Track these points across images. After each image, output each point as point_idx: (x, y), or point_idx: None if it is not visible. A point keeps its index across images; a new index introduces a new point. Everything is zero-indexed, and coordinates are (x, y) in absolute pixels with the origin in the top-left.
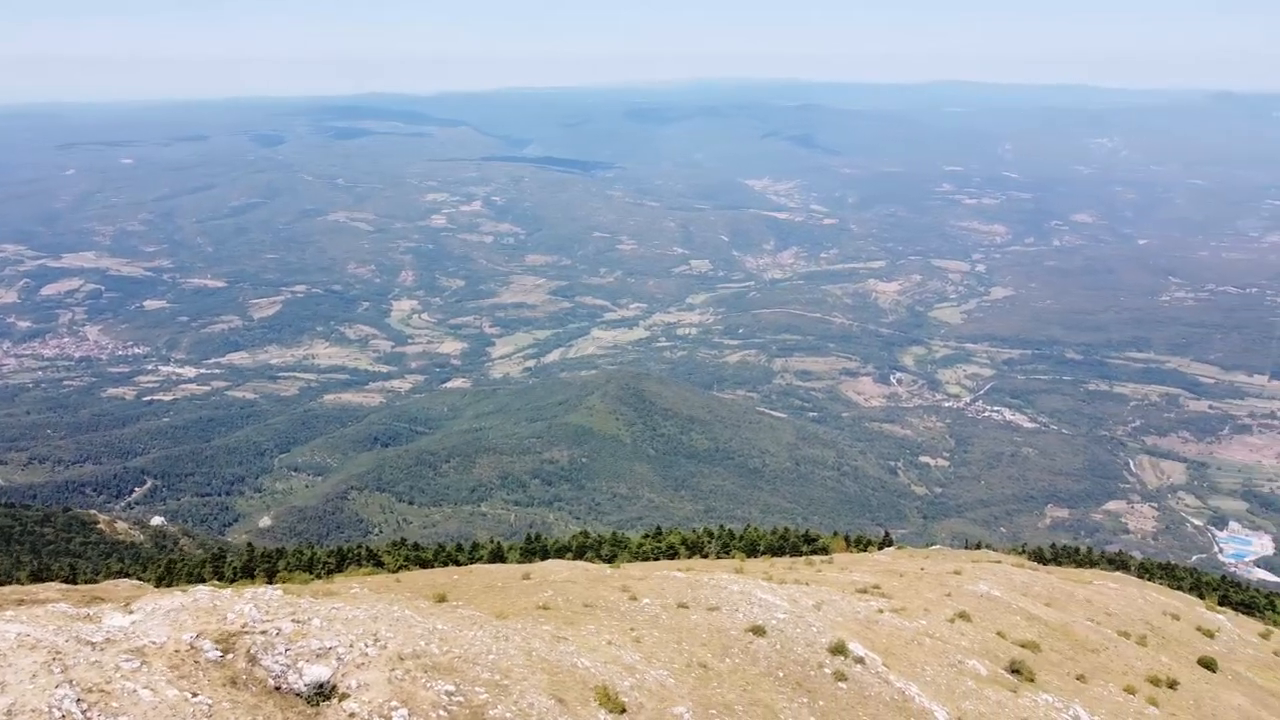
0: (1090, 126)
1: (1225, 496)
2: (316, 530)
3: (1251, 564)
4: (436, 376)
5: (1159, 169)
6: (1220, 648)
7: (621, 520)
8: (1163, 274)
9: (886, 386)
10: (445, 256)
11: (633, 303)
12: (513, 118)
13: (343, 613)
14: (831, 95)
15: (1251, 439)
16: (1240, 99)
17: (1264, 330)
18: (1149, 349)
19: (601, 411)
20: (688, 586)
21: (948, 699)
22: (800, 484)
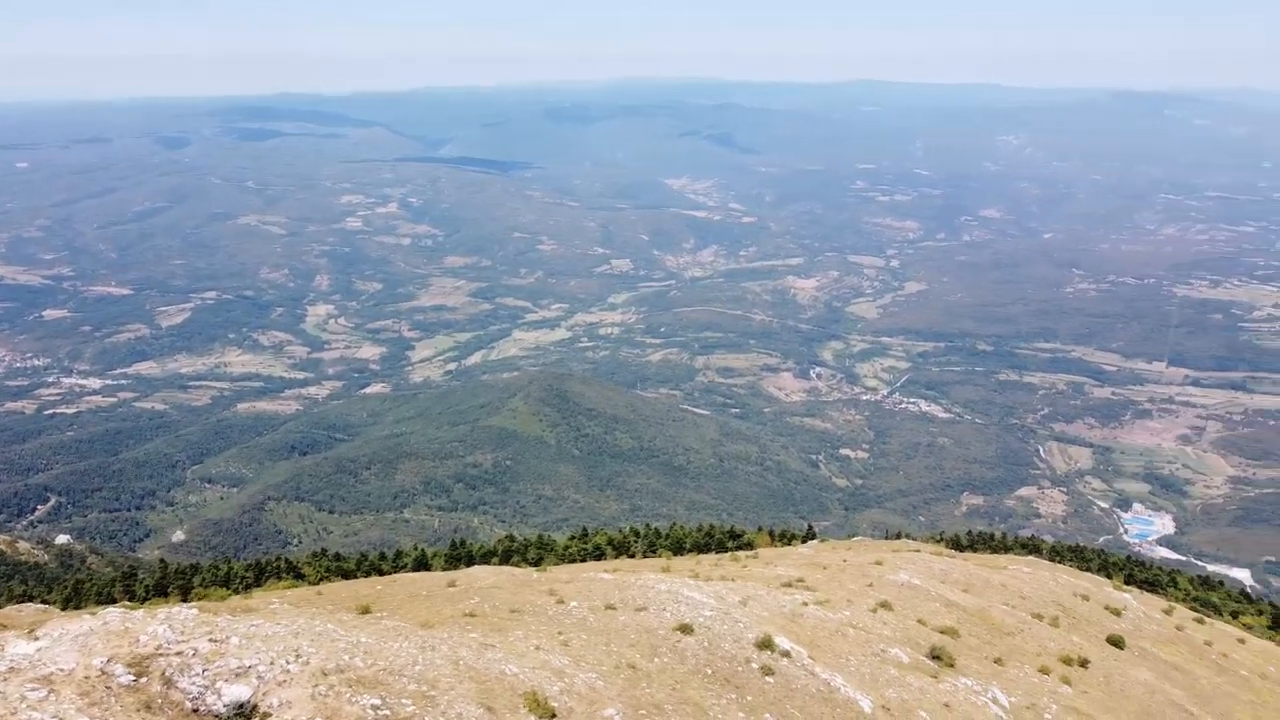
0: (997, 124)
1: (1129, 479)
2: (233, 543)
3: (1154, 543)
4: (355, 382)
5: (1062, 165)
6: (1127, 625)
7: (547, 522)
8: (1067, 266)
9: (807, 381)
10: (361, 259)
11: (554, 303)
12: (429, 118)
13: (262, 629)
14: (749, 94)
15: (1152, 423)
16: (1138, 97)
17: (1161, 319)
18: (1055, 339)
19: (525, 413)
20: (615, 588)
21: (872, 688)
22: (724, 480)
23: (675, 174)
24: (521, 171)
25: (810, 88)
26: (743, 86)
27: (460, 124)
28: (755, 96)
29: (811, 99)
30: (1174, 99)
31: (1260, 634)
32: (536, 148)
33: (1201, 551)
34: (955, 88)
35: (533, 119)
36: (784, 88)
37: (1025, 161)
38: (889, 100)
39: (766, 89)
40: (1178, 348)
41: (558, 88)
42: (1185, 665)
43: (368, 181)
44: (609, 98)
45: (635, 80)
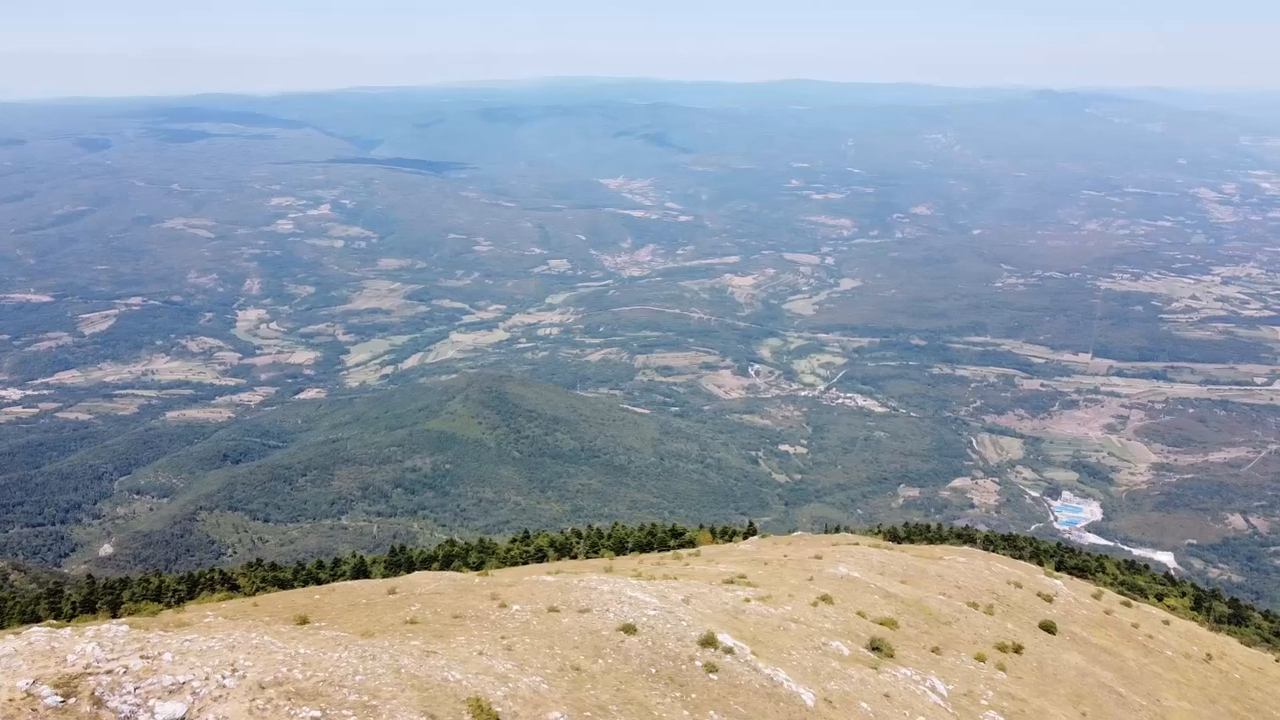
0: (925, 123)
1: (1058, 468)
2: (164, 556)
3: (1083, 529)
4: (288, 388)
5: (989, 163)
6: (1058, 611)
7: (489, 525)
8: (996, 262)
9: (745, 378)
10: (293, 263)
11: (492, 304)
12: (360, 118)
13: (196, 644)
14: (682, 94)
15: (1079, 413)
16: (1059, 97)
17: (1086, 312)
18: (986, 333)
19: (464, 416)
20: (558, 590)
21: (814, 681)
22: (665, 478)
23: (611, 173)
24: (456, 172)
25: (742, 87)
26: (676, 86)
27: (392, 124)
28: (688, 96)
29: (744, 98)
30: (1093, 98)
31: (1183, 615)
32: (470, 148)
33: (1127, 537)
34: (883, 87)
35: (466, 119)
36: (716, 87)
37: (953, 159)
38: (820, 99)
39: (699, 88)
40: (1102, 339)
41: (490, 87)
42: (1114, 648)
43: (298, 183)
44: (542, 97)
45: (568, 80)
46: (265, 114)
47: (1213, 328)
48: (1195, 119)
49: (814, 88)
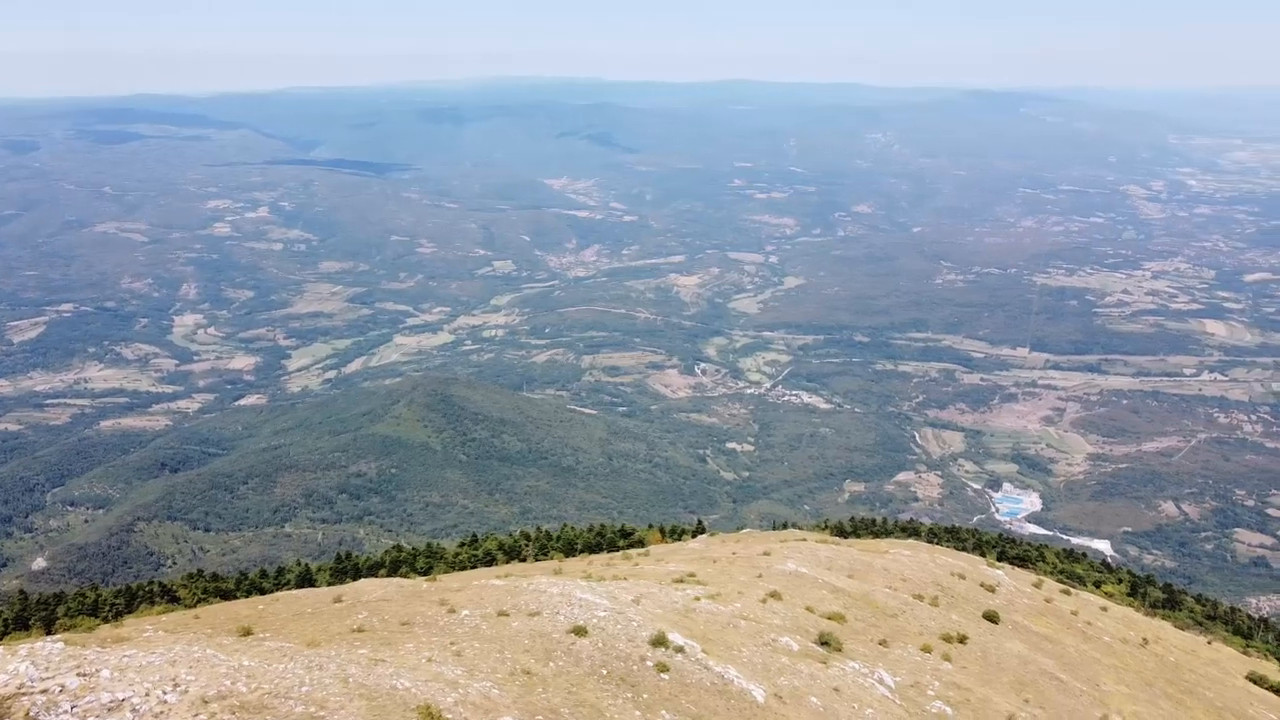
0: (865, 123)
1: (998, 460)
2: (100, 569)
3: (1023, 520)
4: (228, 394)
5: (927, 162)
6: (1001, 600)
7: (436, 529)
8: (935, 259)
9: (692, 377)
10: (231, 266)
11: (436, 306)
12: (298, 119)
13: (136, 659)
14: (625, 94)
15: (1018, 406)
16: (994, 96)
17: (1023, 307)
18: (927, 329)
19: (409, 420)
20: (507, 593)
21: (764, 677)
22: (614, 478)
23: (555, 174)
24: (398, 173)
25: (685, 87)
26: (619, 86)
27: (331, 125)
28: (632, 96)
29: (687, 98)
30: (1027, 97)
31: (1120, 601)
32: (412, 149)
33: (1066, 526)
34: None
35: (407, 119)
36: (660, 87)
37: (893, 158)
38: (762, 99)
39: (642, 88)
40: (1038, 334)
41: (431, 87)
42: (1055, 635)
43: (235, 185)
44: (484, 97)
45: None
46: (200, 115)
47: (1144, 321)
48: (1125, 118)
49: (756, 88)
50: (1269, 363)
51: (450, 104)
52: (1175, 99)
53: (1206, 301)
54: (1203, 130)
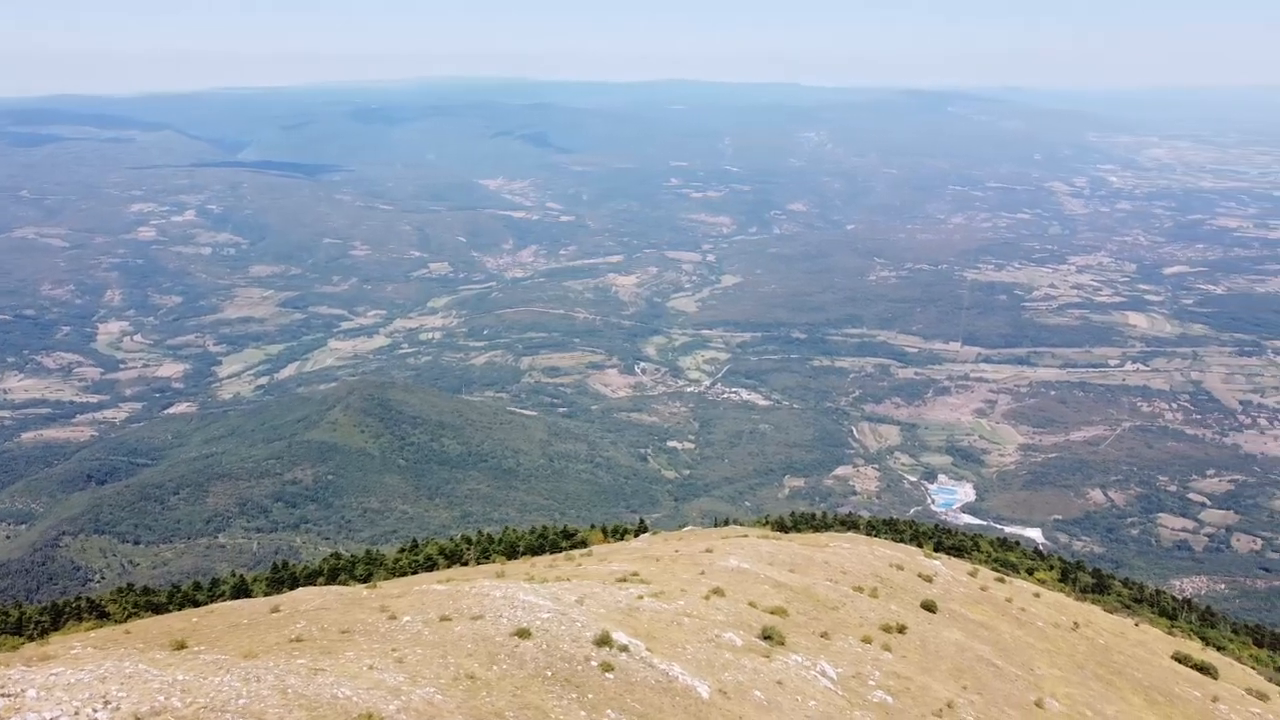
0: (799, 122)
1: (933, 453)
2: (24, 586)
3: (958, 510)
4: (156, 403)
5: (860, 160)
6: (938, 590)
7: (375, 536)
8: (869, 255)
9: (632, 377)
10: (158, 272)
11: (371, 310)
12: (225, 120)
13: (63, 677)
14: (560, 94)
15: (951, 399)
16: (923, 95)
17: (954, 302)
18: (862, 325)
19: (345, 425)
20: (449, 598)
21: (708, 673)
22: (555, 480)
23: (490, 174)
24: (329, 175)
25: (620, 87)
26: (554, 86)
27: (260, 126)
28: (567, 96)
29: (622, 98)
30: (955, 96)
31: (1052, 587)
32: (344, 150)
33: (999, 515)
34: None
35: (338, 120)
36: (595, 87)
37: (826, 157)
38: (696, 99)
39: (578, 88)
40: (970, 328)
41: (362, 87)
42: (990, 622)
43: (161, 188)
44: (417, 97)
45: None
46: (122, 116)
47: (1070, 314)
48: (1049, 117)
49: (691, 88)
50: (1188, 353)
51: (383, 104)
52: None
53: (1129, 294)
54: (1122, 129)
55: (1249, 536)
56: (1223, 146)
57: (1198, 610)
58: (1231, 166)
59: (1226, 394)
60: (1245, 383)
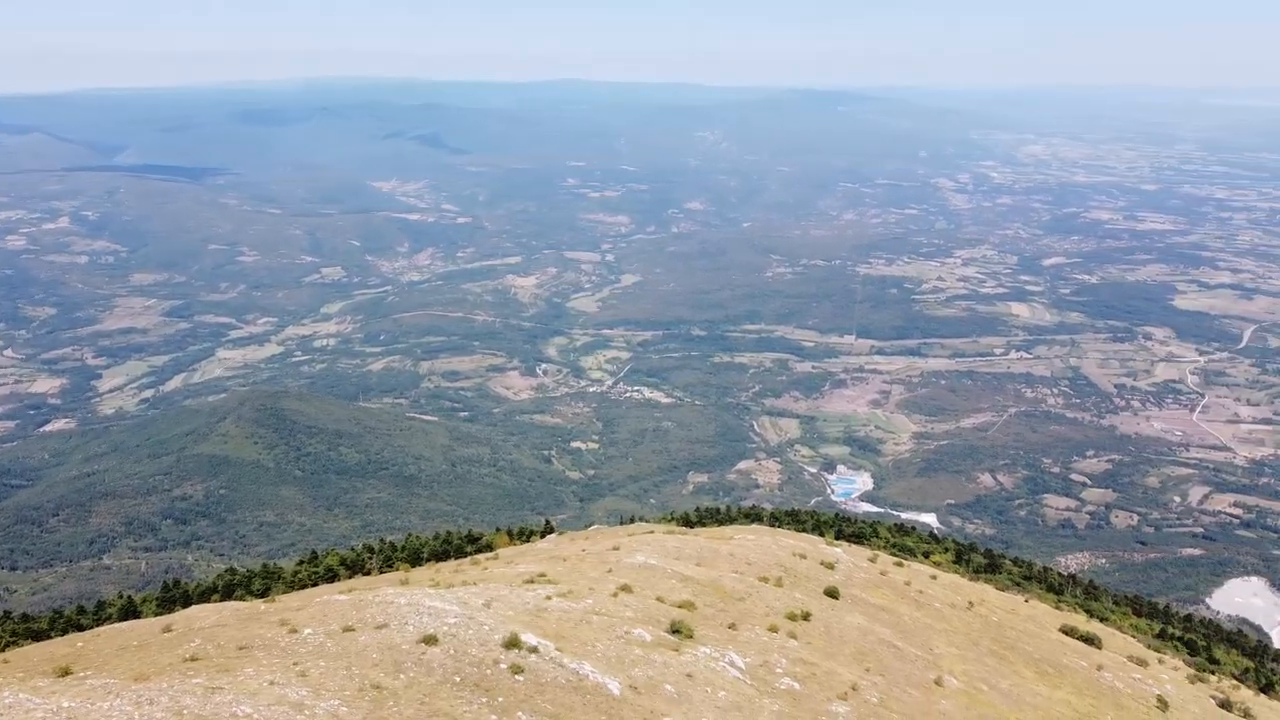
0: (695, 121)
1: (832, 444)
2: None
3: (857, 499)
4: (31, 420)
5: (754, 159)
6: (840, 577)
7: (272, 550)
8: (765, 252)
9: (534, 378)
10: (28, 282)
11: (261, 317)
12: (99, 122)
13: None
14: (454, 94)
15: (847, 391)
16: (814, 95)
17: (848, 297)
18: (760, 320)
19: (238, 437)
20: (352, 608)
21: (619, 670)
22: (458, 485)
23: (383, 176)
24: (213, 178)
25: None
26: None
27: (138, 128)
28: (461, 96)
29: (517, 98)
30: (845, 96)
31: (948, 569)
32: (228, 152)
33: (896, 502)
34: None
35: (221, 121)
36: (489, 87)
37: (722, 156)
38: (592, 99)
39: (471, 88)
40: (863, 321)
41: (246, 87)
42: (891, 606)
43: (30, 194)
44: (306, 98)
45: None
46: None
47: (957, 305)
48: (933, 116)
49: (586, 87)
50: (1066, 340)
51: (268, 105)
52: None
53: (1011, 286)
54: (1001, 126)
55: (1126, 513)
56: (1094, 143)
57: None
58: (1102, 162)
59: (1102, 378)
60: (1119, 367)
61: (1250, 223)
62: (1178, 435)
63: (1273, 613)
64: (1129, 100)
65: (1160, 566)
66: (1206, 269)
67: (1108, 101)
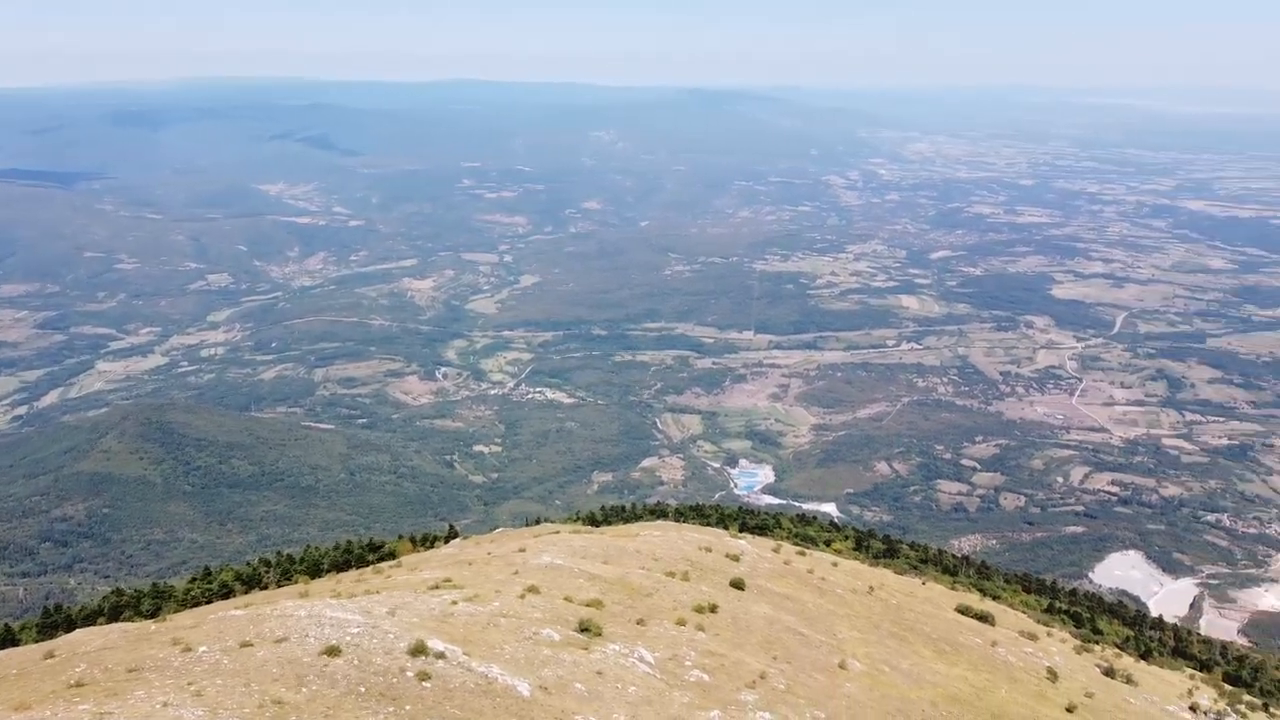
0: (589, 121)
1: (734, 439)
2: None
3: (759, 492)
4: None
5: (650, 158)
6: (745, 568)
7: (163, 569)
8: (663, 251)
9: (433, 382)
10: None
11: (144, 327)
12: None
13: None
14: (341, 94)
15: (747, 386)
16: (706, 94)
17: (745, 293)
18: (660, 318)
19: (121, 453)
20: (249, 622)
21: (529, 671)
22: (358, 493)
23: (270, 179)
24: (87, 183)
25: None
26: (335, 86)
27: (1, 130)
28: (350, 96)
29: (408, 98)
30: (737, 96)
31: (848, 556)
32: (103, 156)
33: (797, 493)
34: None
35: (95, 124)
36: (378, 87)
37: (618, 155)
38: (486, 99)
39: (360, 88)
40: (761, 317)
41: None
42: (795, 594)
43: None
44: (185, 99)
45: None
46: None
47: (850, 299)
48: (823, 115)
49: (479, 88)
50: (954, 330)
51: (146, 106)
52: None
53: (901, 279)
54: (888, 125)
55: (1014, 494)
56: (974, 140)
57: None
58: (983, 158)
59: (988, 366)
60: (1004, 355)
61: (1119, 215)
62: (1059, 419)
63: (1149, 584)
64: (1005, 100)
65: (1047, 545)
66: (1081, 259)
67: (986, 101)
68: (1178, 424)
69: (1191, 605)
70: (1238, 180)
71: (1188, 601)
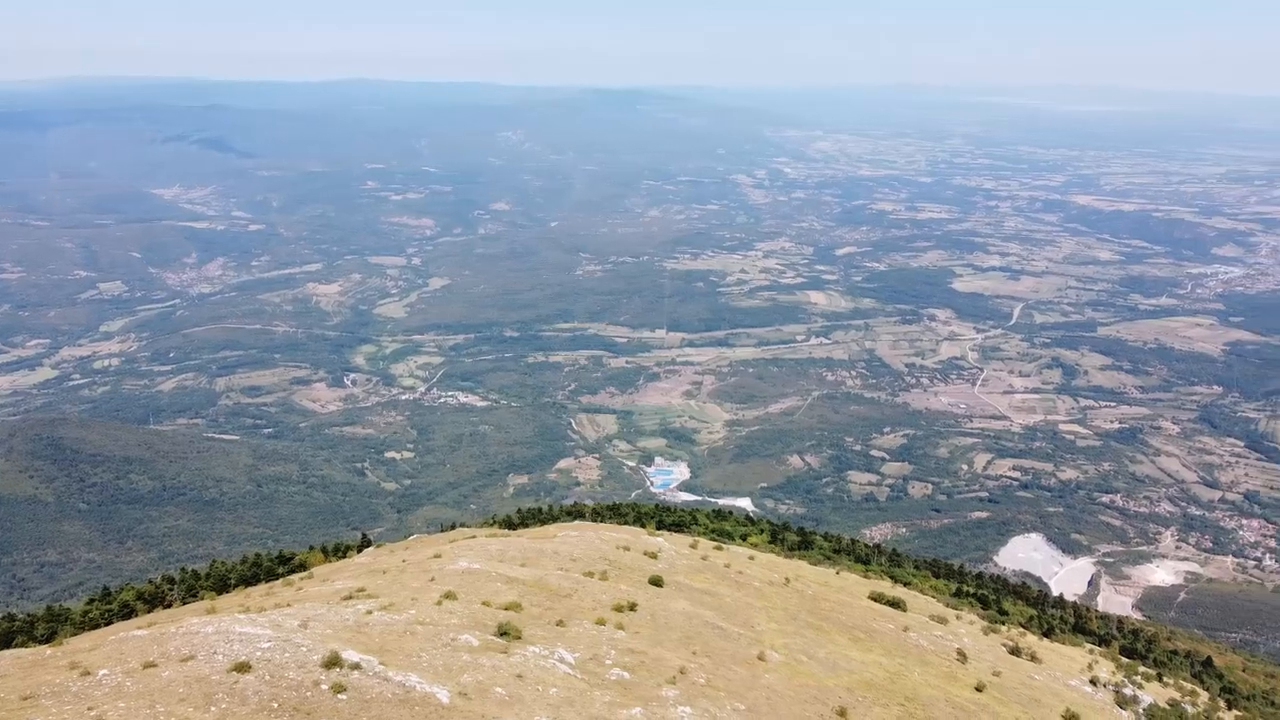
0: (496, 121)
1: (649, 437)
2: None
3: (676, 489)
4: None
5: (559, 158)
6: (663, 565)
7: (58, 592)
8: (574, 251)
9: (342, 389)
10: None
11: (30, 339)
12: None
13: None
14: (236, 94)
15: (661, 384)
16: (613, 94)
17: (657, 291)
18: (573, 319)
19: (9, 471)
20: (153, 642)
21: (448, 678)
22: (266, 505)
23: (164, 183)
24: None
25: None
26: (229, 86)
27: None
28: (245, 97)
29: (306, 98)
30: (642, 95)
31: (764, 549)
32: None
33: (713, 489)
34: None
35: None
36: (273, 87)
37: (526, 155)
38: (388, 98)
39: (256, 88)
40: (673, 315)
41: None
42: (713, 589)
43: None
44: (69, 100)
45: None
46: None
47: (760, 296)
48: (729, 114)
49: (380, 87)
50: (861, 324)
51: (26, 108)
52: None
53: (808, 275)
54: (792, 124)
55: (922, 483)
56: (876, 139)
57: (886, 553)
58: (884, 156)
59: (894, 358)
60: (909, 348)
61: (1014, 210)
62: (962, 408)
63: (1050, 564)
64: (903, 99)
65: (954, 531)
66: (979, 253)
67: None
68: (1073, 410)
69: (1090, 583)
70: (1122, 176)
71: (1086, 580)
